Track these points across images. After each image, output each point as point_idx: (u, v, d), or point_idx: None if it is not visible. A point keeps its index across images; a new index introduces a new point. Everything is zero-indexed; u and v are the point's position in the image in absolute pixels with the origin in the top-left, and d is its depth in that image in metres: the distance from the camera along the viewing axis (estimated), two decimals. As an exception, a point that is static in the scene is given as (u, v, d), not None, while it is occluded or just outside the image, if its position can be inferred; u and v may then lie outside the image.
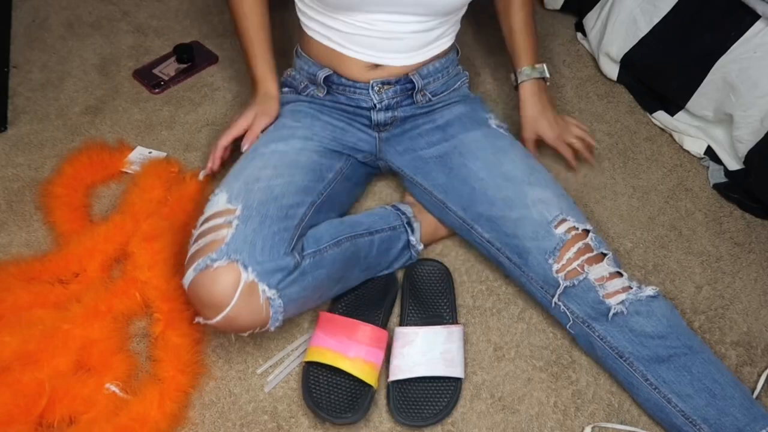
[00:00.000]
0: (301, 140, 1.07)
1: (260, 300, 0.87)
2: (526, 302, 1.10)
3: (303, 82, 1.14)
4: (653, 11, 1.35)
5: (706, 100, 1.28)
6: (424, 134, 1.14)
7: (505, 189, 1.04)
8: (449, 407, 0.96)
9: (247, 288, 0.86)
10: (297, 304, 0.94)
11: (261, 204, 0.94)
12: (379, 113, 1.12)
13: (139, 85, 1.42)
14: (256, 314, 0.88)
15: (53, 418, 0.90)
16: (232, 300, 0.85)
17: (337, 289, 1.03)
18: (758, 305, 1.12)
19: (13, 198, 1.21)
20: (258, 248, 0.88)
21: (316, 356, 0.97)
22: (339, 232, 1.01)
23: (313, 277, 0.94)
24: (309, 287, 0.94)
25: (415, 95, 1.12)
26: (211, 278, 0.86)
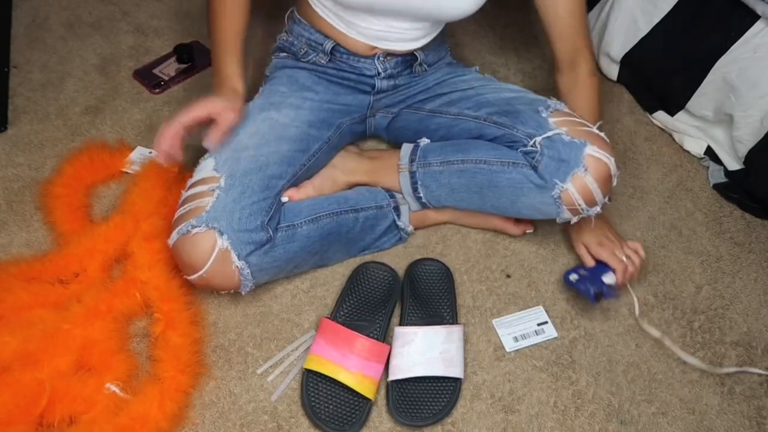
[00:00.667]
0: (294, 109, 1.10)
1: (232, 267, 0.94)
2: (526, 302, 1.11)
3: (303, 48, 1.15)
4: (653, 11, 1.35)
5: (706, 100, 1.28)
6: (417, 86, 1.20)
7: (498, 92, 1.12)
8: (448, 407, 0.96)
9: (221, 254, 0.93)
10: (269, 273, 1.01)
11: (245, 174, 0.99)
12: (382, 81, 1.16)
13: (140, 85, 1.42)
14: (228, 278, 0.95)
15: (53, 418, 0.90)
16: (207, 263, 0.93)
17: (314, 260, 1.09)
18: (758, 305, 1.12)
19: (13, 198, 1.21)
20: (235, 218, 0.94)
21: (317, 365, 0.97)
22: (320, 208, 1.05)
23: (284, 250, 1.00)
24: (280, 259, 1.00)
25: (414, 67, 1.17)
26: (191, 242, 0.94)
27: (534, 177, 1.00)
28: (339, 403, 0.95)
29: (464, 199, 1.10)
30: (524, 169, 1.02)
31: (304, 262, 1.07)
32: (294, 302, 1.09)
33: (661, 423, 0.98)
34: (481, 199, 1.08)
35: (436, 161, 1.10)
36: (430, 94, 1.18)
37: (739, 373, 1.04)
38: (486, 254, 1.17)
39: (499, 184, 1.04)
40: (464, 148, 1.08)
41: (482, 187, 1.06)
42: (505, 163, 1.04)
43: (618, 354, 1.05)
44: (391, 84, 1.17)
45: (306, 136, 1.08)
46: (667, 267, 1.17)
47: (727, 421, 0.99)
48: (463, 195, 1.10)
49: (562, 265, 1.16)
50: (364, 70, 1.14)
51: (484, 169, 1.05)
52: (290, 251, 1.01)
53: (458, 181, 1.08)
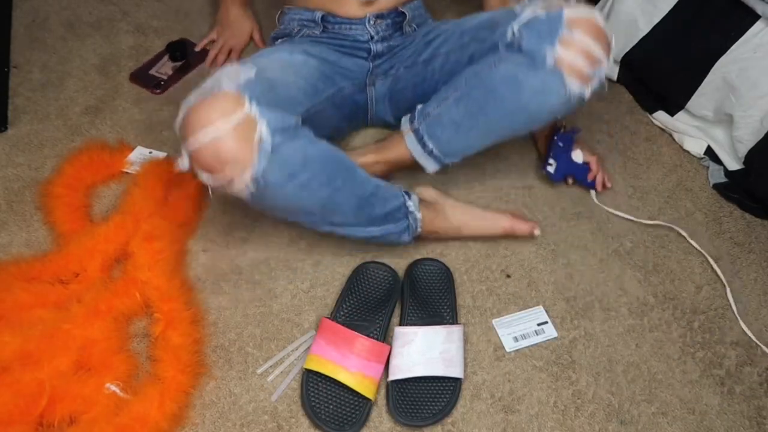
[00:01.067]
0: (303, 54, 1.11)
1: (254, 137, 0.87)
2: (526, 302, 1.11)
3: (295, 28, 1.18)
4: (653, 11, 1.35)
5: (706, 100, 1.28)
6: (410, 46, 1.21)
7: (478, 17, 1.13)
8: (448, 407, 0.96)
9: (246, 119, 0.87)
10: (280, 175, 0.91)
11: (271, 81, 0.97)
12: (377, 44, 1.19)
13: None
14: (242, 150, 0.86)
15: (53, 418, 0.90)
16: (230, 122, 0.85)
17: (322, 204, 0.98)
18: (758, 305, 1.12)
19: (13, 198, 1.21)
20: (268, 97, 0.91)
21: (317, 365, 0.97)
22: (338, 149, 1.02)
23: (307, 142, 0.94)
24: (298, 155, 0.92)
25: (404, 26, 1.20)
26: (216, 98, 0.87)
27: (521, 58, 0.98)
28: (339, 403, 0.95)
29: (473, 128, 1.06)
30: (512, 56, 1.00)
31: (312, 195, 0.96)
32: (294, 302, 1.09)
33: (661, 423, 0.98)
34: (487, 119, 1.04)
35: (433, 107, 1.09)
36: (421, 47, 1.18)
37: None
38: (486, 254, 1.17)
39: (495, 88, 1.01)
40: (453, 81, 1.08)
41: (481, 101, 1.03)
42: (491, 63, 1.02)
43: (618, 354, 1.05)
44: (386, 46, 1.19)
45: (315, 80, 1.09)
46: (667, 267, 1.17)
47: (727, 421, 0.99)
48: (469, 125, 1.06)
49: (562, 265, 1.16)
50: (358, 37, 1.17)
51: (476, 80, 1.03)
52: (310, 154, 0.94)
53: (458, 111, 1.05)
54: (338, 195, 0.99)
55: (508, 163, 1.31)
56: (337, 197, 0.99)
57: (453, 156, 1.12)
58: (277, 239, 1.17)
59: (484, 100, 1.03)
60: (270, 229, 1.19)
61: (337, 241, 1.15)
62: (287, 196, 0.94)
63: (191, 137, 0.87)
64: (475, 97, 1.03)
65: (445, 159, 1.12)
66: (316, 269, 1.13)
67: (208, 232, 1.18)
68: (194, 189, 1.20)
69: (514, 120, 1.04)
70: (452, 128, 1.07)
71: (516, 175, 1.30)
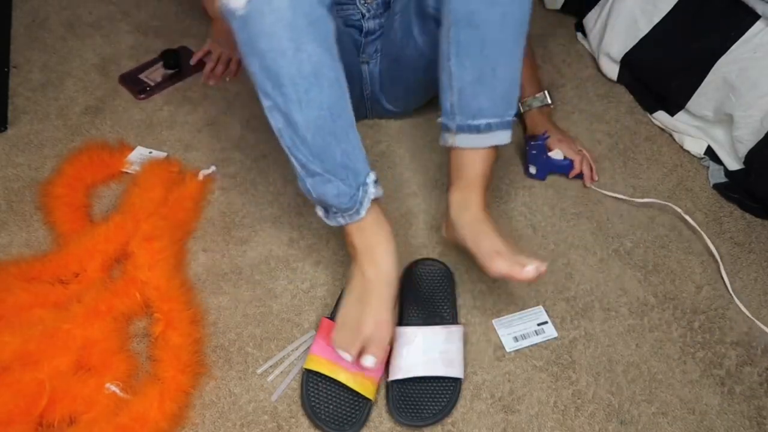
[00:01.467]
0: None
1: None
2: (525, 302, 1.11)
3: None
4: (653, 11, 1.35)
5: (706, 100, 1.28)
6: (394, 21, 1.18)
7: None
8: (448, 407, 0.96)
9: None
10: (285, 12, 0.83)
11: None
12: (369, 21, 1.20)
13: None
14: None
15: (53, 418, 0.90)
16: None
17: (303, 70, 0.87)
18: (758, 305, 1.12)
19: (13, 198, 1.21)
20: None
21: (316, 365, 0.97)
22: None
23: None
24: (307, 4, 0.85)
25: (393, 4, 1.19)
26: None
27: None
28: (339, 403, 0.95)
29: (495, 66, 0.96)
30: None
31: (298, 60, 0.86)
32: (294, 302, 1.09)
33: (661, 423, 0.98)
34: (494, 42, 0.95)
35: (447, 97, 1.00)
36: (407, 12, 1.13)
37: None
38: (486, 254, 1.17)
39: (471, 11, 0.93)
40: (438, 59, 1.00)
41: (474, 35, 0.95)
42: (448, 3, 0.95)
43: (618, 354, 1.05)
44: (378, 23, 1.21)
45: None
46: (667, 267, 1.17)
47: (727, 421, 0.99)
48: (490, 65, 0.96)
49: (562, 264, 1.16)
50: (351, 17, 1.19)
51: (452, 28, 0.95)
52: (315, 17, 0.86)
53: (469, 67, 0.97)
54: (316, 90, 0.88)
55: (508, 163, 1.32)
56: (314, 92, 0.88)
57: (508, 107, 1.00)
58: (277, 239, 1.17)
59: (473, 34, 0.94)
60: (270, 229, 1.19)
61: (338, 241, 1.15)
62: (273, 39, 0.85)
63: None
64: (465, 40, 0.95)
65: (505, 116, 1.00)
66: (316, 269, 1.13)
67: (208, 232, 1.18)
68: (194, 189, 1.21)
69: (509, 22, 0.95)
70: (480, 87, 0.98)
71: (516, 175, 1.30)
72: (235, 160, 1.29)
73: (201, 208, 1.20)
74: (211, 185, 1.24)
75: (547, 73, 1.50)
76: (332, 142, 0.91)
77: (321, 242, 1.16)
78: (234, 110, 1.39)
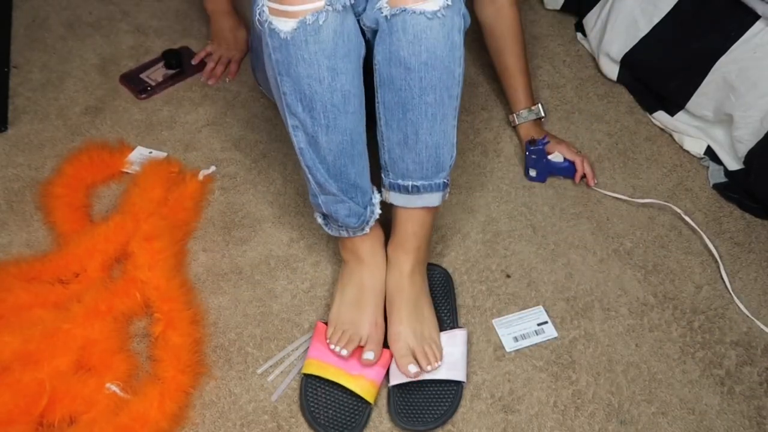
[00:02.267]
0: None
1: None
2: (526, 302, 1.11)
3: None
4: (653, 11, 1.35)
5: (706, 100, 1.28)
6: None
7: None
8: (450, 411, 0.96)
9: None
10: (329, 38, 0.85)
11: None
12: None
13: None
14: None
15: (53, 418, 0.90)
16: None
17: (333, 96, 0.89)
18: (758, 305, 1.12)
19: (13, 198, 1.21)
20: None
21: (316, 370, 0.96)
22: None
23: (357, 34, 0.89)
24: (349, 40, 0.88)
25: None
26: None
27: (380, 35, 0.91)
28: (338, 407, 0.95)
29: (418, 128, 0.95)
30: (378, 44, 0.92)
31: (332, 85, 0.88)
32: (294, 302, 1.09)
33: (661, 423, 0.98)
34: (413, 106, 0.93)
35: (383, 157, 1.00)
36: None
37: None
38: (486, 254, 1.17)
39: (390, 76, 0.92)
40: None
41: (395, 100, 0.93)
42: (374, 63, 0.94)
43: (618, 354, 1.05)
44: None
45: None
46: (667, 267, 1.17)
47: (727, 421, 0.99)
48: (411, 128, 0.95)
49: (562, 264, 1.16)
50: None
51: (378, 93, 0.95)
52: (351, 47, 0.89)
53: (394, 130, 0.96)
54: (343, 117, 0.91)
55: (508, 163, 1.32)
56: (341, 119, 0.91)
57: (435, 171, 0.99)
58: (277, 239, 1.17)
59: (394, 98, 0.94)
60: (270, 229, 1.19)
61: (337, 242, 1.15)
62: (312, 66, 0.87)
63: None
64: (389, 103, 0.95)
65: (433, 180, 0.99)
66: (316, 269, 1.13)
67: (208, 232, 1.18)
68: (194, 189, 1.21)
69: (428, 87, 0.92)
70: (405, 149, 0.97)
71: (516, 175, 1.30)
72: (235, 160, 1.29)
73: (201, 208, 1.20)
74: (211, 185, 1.24)
75: (547, 73, 1.50)
76: (349, 164, 0.95)
77: (321, 242, 1.16)
78: (234, 110, 1.39)
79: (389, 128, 0.97)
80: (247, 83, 1.42)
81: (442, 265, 1.13)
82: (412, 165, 0.98)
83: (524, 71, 1.32)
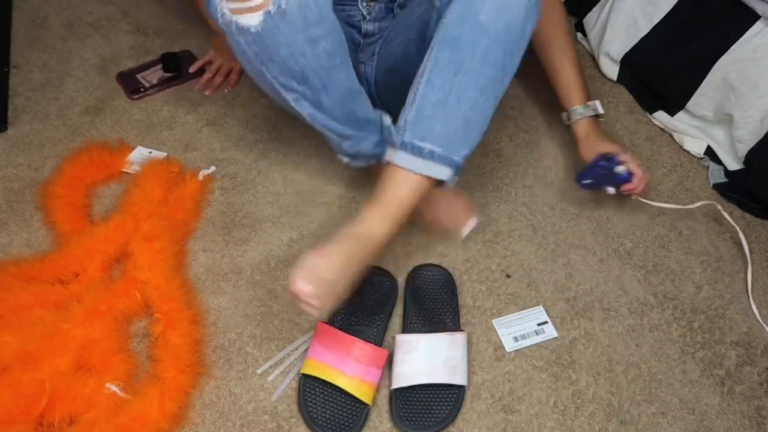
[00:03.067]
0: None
1: None
2: (526, 302, 1.11)
3: None
4: (653, 11, 1.35)
5: (706, 100, 1.28)
6: (398, 25, 1.17)
7: None
8: (452, 415, 0.96)
9: None
10: (297, 20, 0.87)
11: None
12: (368, 23, 1.19)
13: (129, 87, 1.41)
14: None
15: (53, 418, 0.90)
16: None
17: (321, 64, 0.93)
18: (758, 305, 1.12)
19: (13, 198, 1.21)
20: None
21: (314, 370, 0.96)
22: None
23: (325, 3, 0.90)
24: (316, 11, 0.88)
25: (395, 8, 1.19)
26: None
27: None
28: (336, 408, 0.95)
29: (460, 95, 0.94)
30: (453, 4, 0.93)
31: (315, 55, 0.92)
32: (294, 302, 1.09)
33: (661, 423, 0.98)
34: (466, 75, 0.93)
35: (408, 110, 0.96)
36: (411, 30, 1.11)
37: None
38: (486, 254, 1.17)
39: (456, 36, 0.92)
40: (417, 70, 0.98)
41: (450, 59, 0.93)
42: (440, 22, 0.95)
43: (618, 354, 1.05)
44: (377, 27, 1.19)
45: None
46: (667, 267, 1.17)
47: (727, 421, 0.99)
48: (455, 93, 0.94)
49: (562, 264, 1.16)
50: (351, 17, 1.18)
51: (436, 46, 0.94)
52: (323, 14, 0.90)
53: (435, 88, 0.94)
54: (335, 72, 0.96)
55: (508, 163, 1.32)
56: (334, 74, 0.95)
57: (459, 145, 0.95)
58: (277, 239, 1.17)
59: (453, 56, 0.92)
60: (270, 229, 1.19)
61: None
62: (292, 45, 0.90)
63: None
64: (443, 61, 0.93)
65: (453, 154, 0.95)
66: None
67: (208, 232, 1.18)
68: (194, 189, 1.20)
69: (491, 57, 0.93)
70: (440, 111, 0.93)
71: (516, 175, 1.30)
72: (235, 160, 1.29)
73: (201, 208, 1.20)
74: (211, 185, 1.24)
75: (547, 73, 1.50)
76: (355, 107, 1.03)
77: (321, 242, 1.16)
78: (234, 110, 1.39)
79: (430, 86, 0.94)
80: (247, 83, 1.42)
81: (443, 265, 1.13)
82: (441, 129, 0.94)
83: (576, 65, 1.24)
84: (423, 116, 0.94)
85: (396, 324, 1.07)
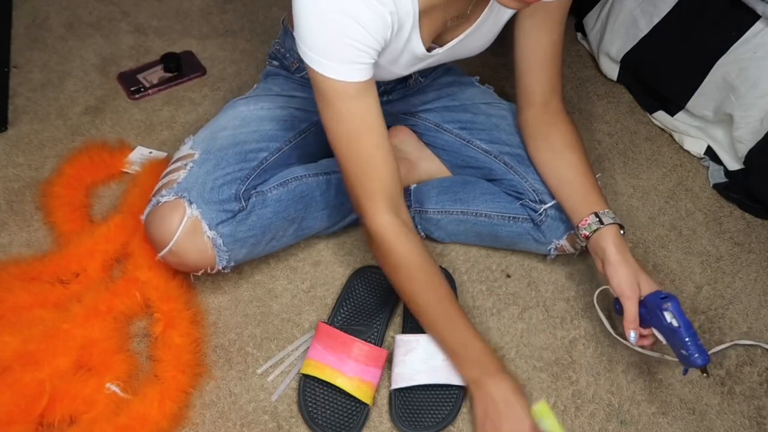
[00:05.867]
0: (283, 98, 1.09)
1: (204, 238, 0.93)
2: (526, 302, 1.11)
3: (294, 64, 1.12)
4: (653, 11, 1.35)
5: (706, 100, 1.28)
6: (414, 98, 1.17)
7: (511, 133, 1.10)
8: (452, 415, 0.96)
9: (191, 225, 0.92)
10: (245, 246, 0.98)
11: (220, 149, 0.98)
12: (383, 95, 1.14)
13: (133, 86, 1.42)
14: (201, 252, 0.94)
15: (54, 418, 0.90)
16: (175, 234, 0.92)
17: (294, 230, 1.05)
18: (758, 305, 1.12)
19: (13, 198, 1.21)
20: (207, 188, 0.93)
21: (313, 370, 0.96)
22: (289, 174, 1.03)
23: (257, 217, 0.98)
24: (255, 227, 0.98)
25: (408, 82, 1.15)
26: (160, 213, 0.93)
27: (535, 233, 1.06)
28: (336, 408, 0.95)
29: (462, 238, 1.15)
30: (525, 224, 1.06)
31: (282, 231, 1.03)
32: (294, 302, 1.09)
33: (661, 423, 0.98)
34: (479, 240, 1.15)
35: (434, 210, 1.11)
36: (433, 106, 1.17)
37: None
38: (486, 254, 1.17)
39: (499, 235, 1.10)
40: (463, 197, 1.10)
41: (482, 234, 1.12)
42: (507, 217, 1.07)
43: (618, 354, 1.05)
44: (383, 100, 1.13)
45: (291, 117, 1.08)
46: (667, 267, 1.17)
47: (727, 421, 0.99)
48: (461, 237, 1.14)
49: (561, 264, 1.16)
50: None
51: (485, 222, 1.09)
52: (263, 217, 0.99)
53: (457, 228, 1.12)
54: (307, 218, 1.06)
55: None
56: (308, 220, 1.06)
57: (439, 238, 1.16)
58: (277, 239, 1.17)
59: (485, 236, 1.12)
60: (270, 229, 1.19)
61: (337, 242, 1.15)
62: (261, 251, 1.03)
63: (155, 249, 0.96)
64: (478, 230, 1.11)
65: (433, 235, 1.16)
66: (316, 269, 1.13)
67: (208, 232, 1.18)
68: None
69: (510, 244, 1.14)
70: (445, 233, 1.14)
71: (516, 175, 1.30)
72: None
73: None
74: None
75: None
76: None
77: (321, 242, 1.16)
78: (234, 110, 1.38)
79: (457, 224, 1.12)
80: (247, 83, 1.42)
81: (443, 265, 1.13)
82: (439, 236, 1.16)
83: (591, 171, 1.02)
84: (434, 223, 1.14)
85: (396, 324, 1.07)
